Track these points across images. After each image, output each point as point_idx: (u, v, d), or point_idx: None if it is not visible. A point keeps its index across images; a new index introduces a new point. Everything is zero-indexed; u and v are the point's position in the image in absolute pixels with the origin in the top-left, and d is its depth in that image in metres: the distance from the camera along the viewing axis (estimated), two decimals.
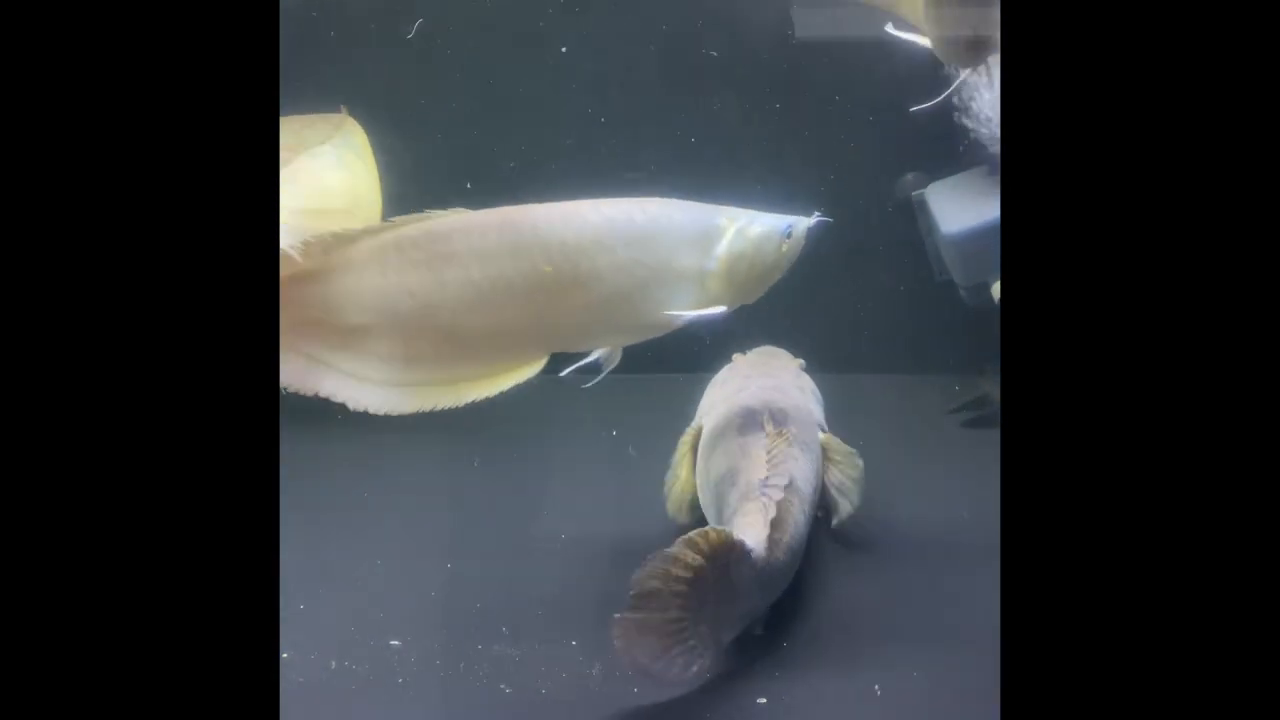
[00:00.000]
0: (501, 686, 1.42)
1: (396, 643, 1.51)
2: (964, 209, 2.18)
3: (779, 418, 1.71)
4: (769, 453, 1.60)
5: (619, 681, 1.42)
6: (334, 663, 1.47)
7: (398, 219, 1.51)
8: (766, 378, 1.93)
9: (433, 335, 1.52)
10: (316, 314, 1.46)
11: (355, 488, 2.05)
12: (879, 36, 2.44)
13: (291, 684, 1.42)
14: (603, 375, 1.64)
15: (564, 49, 2.43)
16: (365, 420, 2.39)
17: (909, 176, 2.34)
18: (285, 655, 1.48)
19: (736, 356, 2.07)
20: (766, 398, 1.80)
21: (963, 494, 1.95)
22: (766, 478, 1.55)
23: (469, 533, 1.86)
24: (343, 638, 1.53)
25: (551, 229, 1.52)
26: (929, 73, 2.21)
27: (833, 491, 1.83)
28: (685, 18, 2.43)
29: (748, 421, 1.71)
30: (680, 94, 2.44)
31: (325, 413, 2.40)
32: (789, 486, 1.54)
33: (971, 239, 2.14)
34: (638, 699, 1.38)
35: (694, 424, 1.87)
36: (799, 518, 1.55)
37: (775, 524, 1.47)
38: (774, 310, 2.41)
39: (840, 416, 2.34)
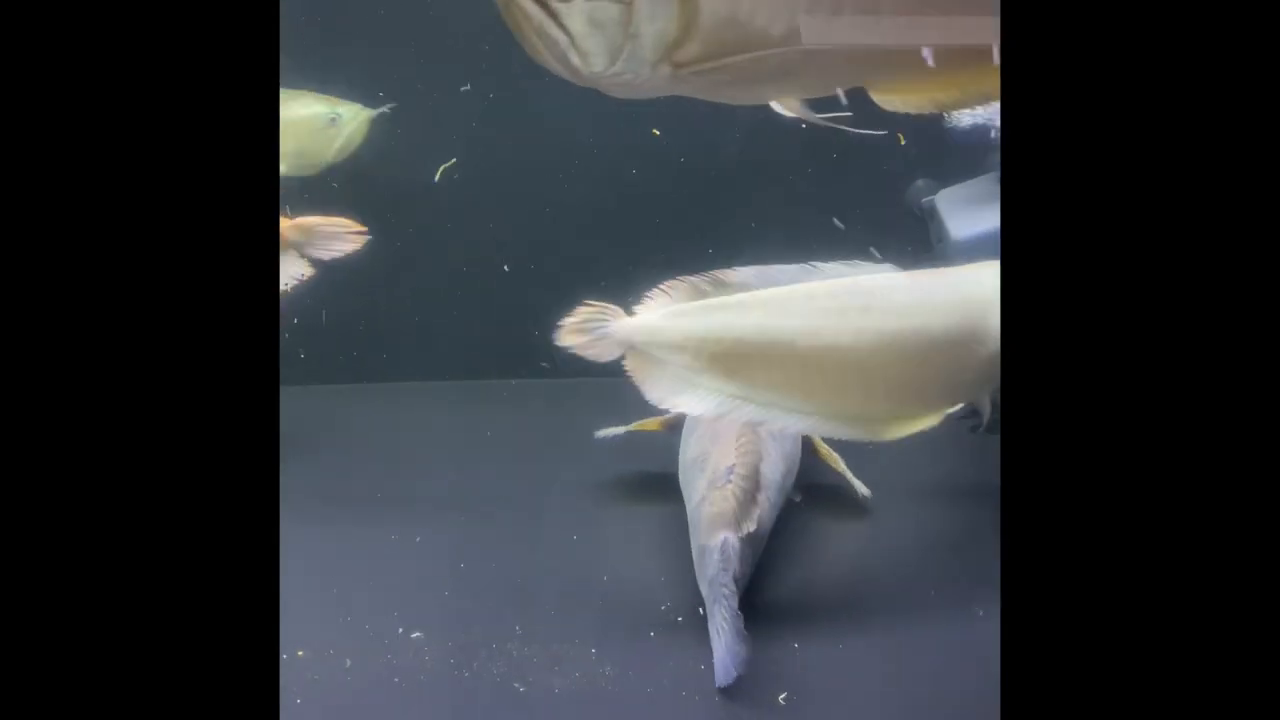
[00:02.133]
0: (515, 685, 1.43)
1: (418, 634, 1.53)
2: (973, 216, 2.19)
3: None
4: (739, 440, 1.64)
5: (632, 681, 1.43)
6: (349, 661, 1.48)
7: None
8: None
9: (829, 373, 1.55)
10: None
11: (368, 489, 2.06)
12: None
13: (307, 682, 1.43)
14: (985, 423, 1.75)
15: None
16: (374, 422, 2.43)
17: (919, 183, 2.35)
18: (300, 653, 1.49)
19: None
20: None
21: (967, 499, 1.97)
22: (732, 465, 1.60)
23: (481, 532, 1.87)
24: (358, 636, 1.54)
25: (968, 284, 1.61)
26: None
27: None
28: None
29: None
30: (688, 106, 2.45)
31: (334, 417, 2.43)
32: (752, 476, 1.59)
33: (981, 245, 2.16)
34: (652, 698, 1.40)
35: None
36: (764, 507, 1.60)
37: (740, 515, 1.53)
38: None
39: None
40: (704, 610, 1.51)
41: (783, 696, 1.39)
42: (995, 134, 2.18)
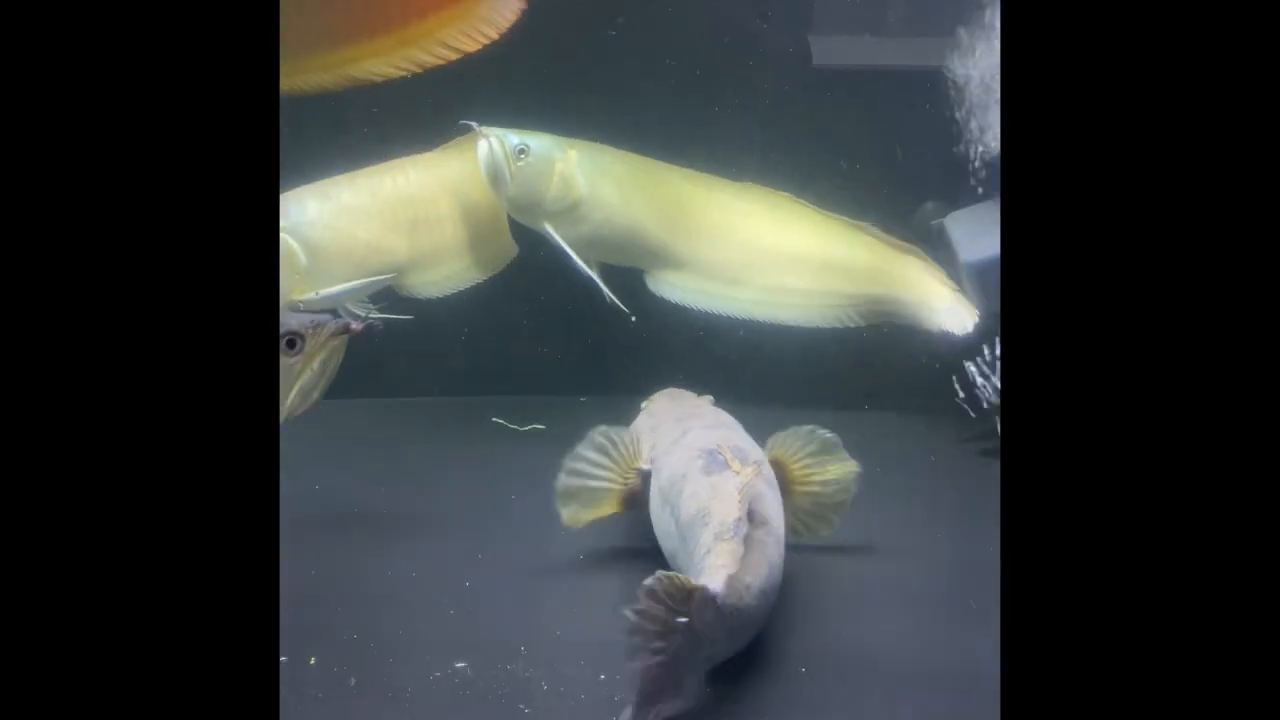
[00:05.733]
0: (520, 707, 1.41)
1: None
2: (983, 237, 2.19)
3: (741, 455, 1.68)
4: (742, 491, 1.53)
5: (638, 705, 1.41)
6: (353, 680, 1.47)
7: None
8: (695, 418, 1.90)
9: None
10: None
11: (371, 504, 2.06)
12: (896, 64, 2.48)
13: (310, 699, 1.42)
14: None
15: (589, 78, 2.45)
16: (379, 439, 2.43)
17: (929, 205, 2.36)
18: (313, 660, 1.49)
19: (645, 404, 2.05)
20: (718, 436, 1.76)
21: (970, 524, 1.95)
22: (740, 518, 1.48)
23: (485, 553, 1.86)
24: (362, 655, 1.53)
25: None
26: (946, 102, 2.24)
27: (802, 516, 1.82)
28: (706, 46, 2.45)
29: (711, 462, 1.66)
30: (702, 121, 2.46)
31: (339, 431, 2.43)
32: (764, 525, 1.51)
33: (990, 267, 2.16)
34: None
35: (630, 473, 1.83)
36: (773, 556, 1.51)
37: (746, 566, 1.41)
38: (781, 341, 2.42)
39: (852, 445, 2.36)
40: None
41: None
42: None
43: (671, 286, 2.32)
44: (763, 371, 2.46)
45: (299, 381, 1.44)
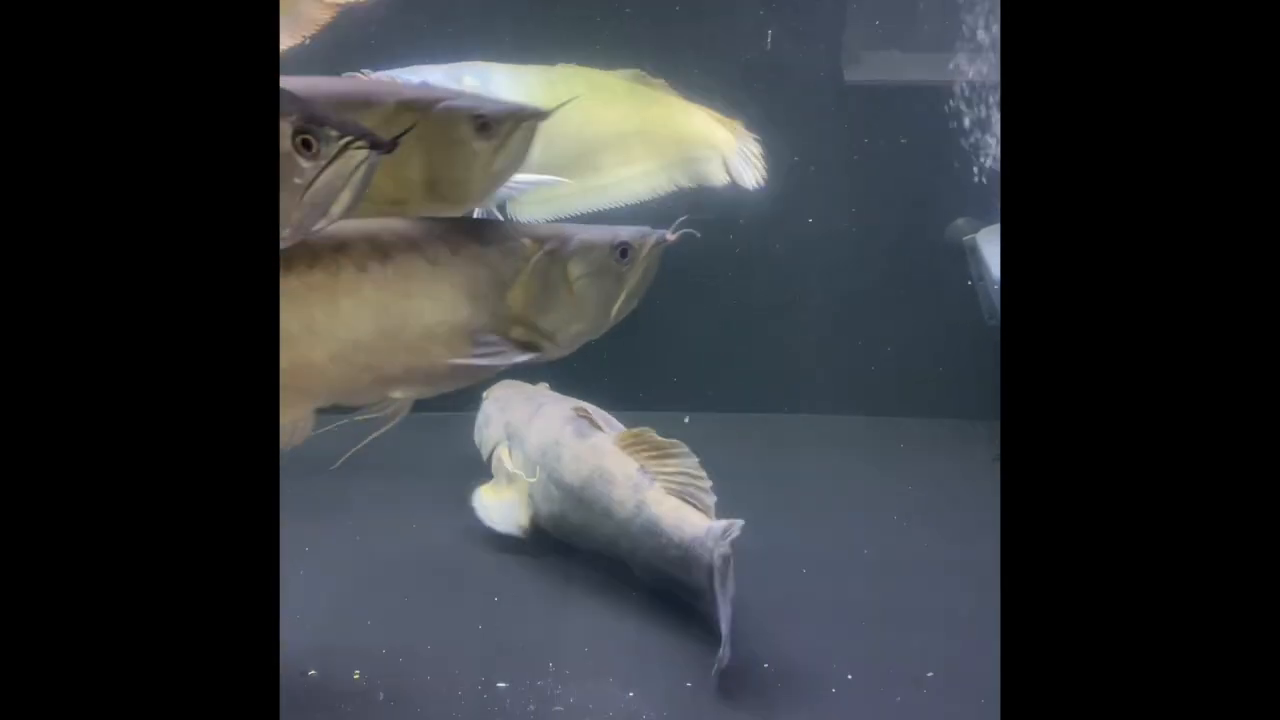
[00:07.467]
0: None
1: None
2: None
3: (608, 421, 1.82)
4: (629, 449, 1.70)
5: None
6: (382, 694, 1.47)
7: None
8: (544, 396, 2.01)
9: None
10: None
11: (401, 518, 2.07)
12: (929, 81, 2.47)
13: (341, 714, 1.43)
14: None
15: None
16: (404, 451, 2.43)
17: (960, 221, 2.35)
18: (358, 675, 1.50)
19: (487, 394, 2.10)
20: (574, 405, 1.88)
21: (990, 538, 1.94)
22: (641, 466, 1.67)
23: (512, 567, 1.87)
24: (392, 669, 1.53)
25: None
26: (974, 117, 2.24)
27: None
28: (733, 60, 2.45)
29: (580, 429, 1.80)
30: None
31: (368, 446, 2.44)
32: (674, 474, 1.66)
33: None
34: None
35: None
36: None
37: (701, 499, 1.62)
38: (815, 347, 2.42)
39: (887, 458, 2.35)
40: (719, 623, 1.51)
41: None
42: None
43: (530, 205, 2.08)
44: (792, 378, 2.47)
45: (627, 287, 1.53)
